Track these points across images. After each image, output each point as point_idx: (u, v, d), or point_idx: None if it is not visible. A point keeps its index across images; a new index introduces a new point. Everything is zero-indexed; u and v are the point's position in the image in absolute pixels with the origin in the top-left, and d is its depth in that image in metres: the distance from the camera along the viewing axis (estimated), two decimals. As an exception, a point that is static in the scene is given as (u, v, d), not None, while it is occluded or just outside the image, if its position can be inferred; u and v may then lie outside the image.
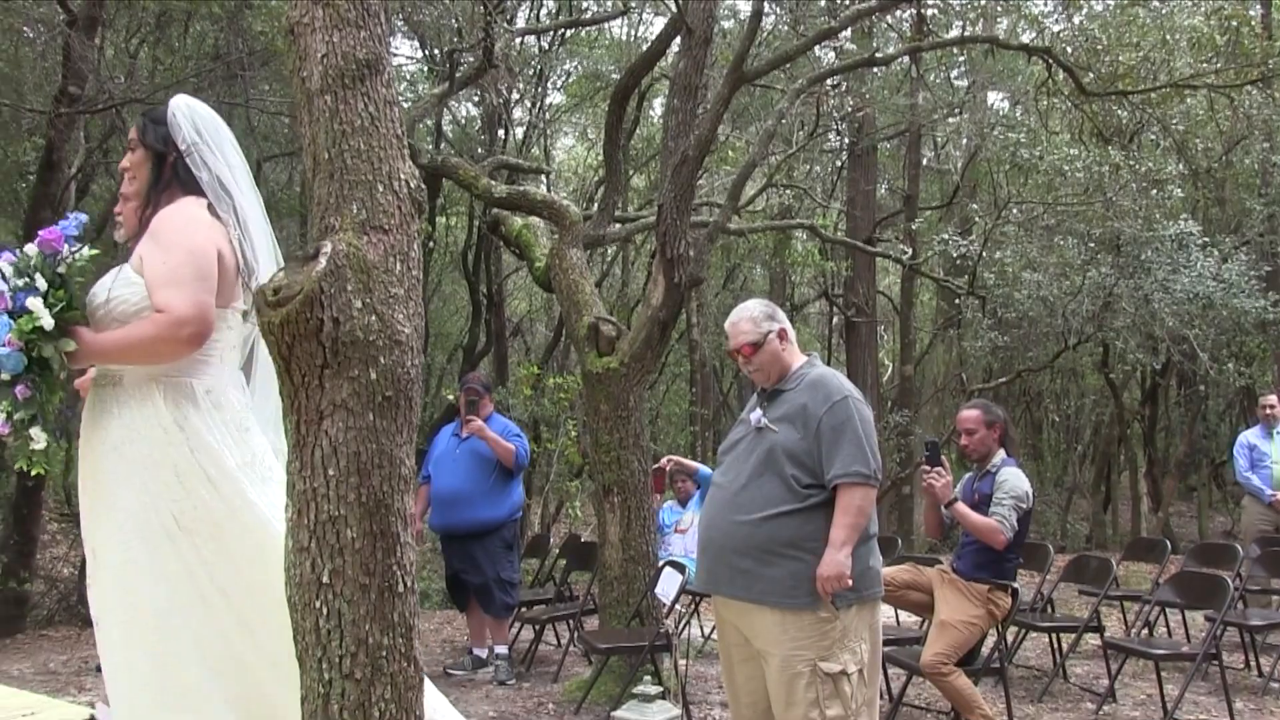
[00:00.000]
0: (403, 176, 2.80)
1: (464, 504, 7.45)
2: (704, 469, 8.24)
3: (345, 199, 2.72)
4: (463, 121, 17.09)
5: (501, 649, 7.71)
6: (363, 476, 2.56)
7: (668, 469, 7.91)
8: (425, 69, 14.88)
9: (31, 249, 2.91)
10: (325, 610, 2.54)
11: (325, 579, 2.53)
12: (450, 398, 11.61)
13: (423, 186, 2.90)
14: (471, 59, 9.97)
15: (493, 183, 8.90)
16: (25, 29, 11.69)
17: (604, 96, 15.27)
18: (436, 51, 13.27)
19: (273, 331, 2.53)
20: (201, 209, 3.03)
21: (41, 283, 2.85)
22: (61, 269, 2.91)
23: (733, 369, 18.47)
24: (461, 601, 7.99)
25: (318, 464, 2.54)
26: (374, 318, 2.60)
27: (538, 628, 8.18)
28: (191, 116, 3.13)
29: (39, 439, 2.90)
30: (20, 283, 2.85)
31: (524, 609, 8.29)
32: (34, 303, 2.81)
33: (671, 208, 6.91)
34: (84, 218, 3.06)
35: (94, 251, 3.00)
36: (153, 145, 3.13)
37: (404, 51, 16.59)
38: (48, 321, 2.81)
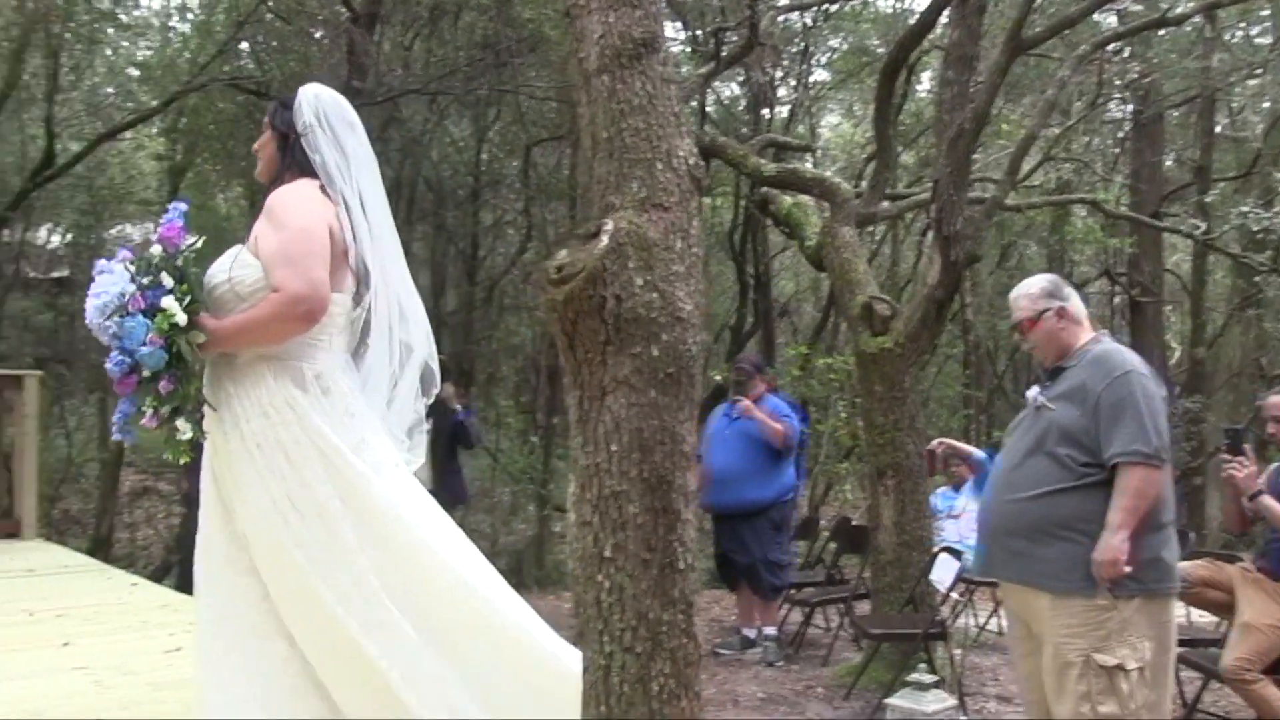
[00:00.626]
0: (681, 154, 2.79)
1: (733, 484, 7.46)
2: (978, 452, 7.97)
3: (625, 177, 2.73)
4: (726, 101, 17.10)
5: (770, 630, 7.69)
6: (645, 453, 2.57)
7: (940, 452, 7.68)
8: (688, 49, 14.96)
9: (155, 249, 2.97)
10: (607, 584, 2.56)
11: (607, 553, 2.56)
12: (718, 378, 11.67)
13: (701, 163, 2.88)
14: (735, 37, 9.94)
15: (762, 161, 8.85)
16: (312, 30, 12.45)
17: (870, 72, 14.95)
18: (698, 32, 13.32)
19: (556, 309, 2.57)
20: (314, 189, 3.06)
21: (168, 280, 2.92)
22: (180, 261, 2.97)
23: (1007, 350, 17.79)
24: (730, 581, 8.01)
25: (600, 440, 2.57)
26: (655, 295, 2.60)
27: (807, 610, 8.12)
28: (315, 102, 3.15)
29: (185, 429, 2.98)
30: (146, 280, 2.91)
31: (793, 591, 8.24)
32: (167, 300, 2.88)
33: (947, 183, 6.70)
34: (185, 205, 3.12)
35: (203, 238, 3.06)
36: (278, 127, 3.19)
37: (666, 33, 16.71)
38: (181, 317, 2.87)
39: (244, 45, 12.15)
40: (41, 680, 4.33)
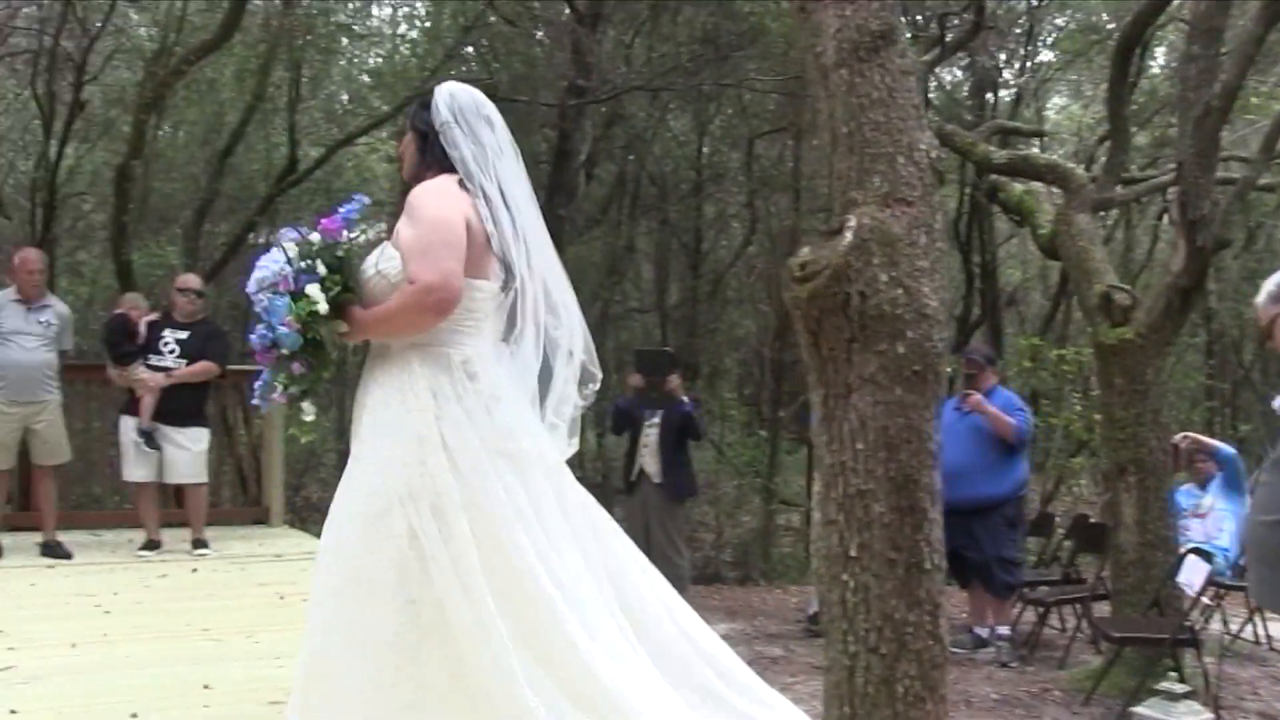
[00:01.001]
0: (923, 146, 2.75)
1: (965, 479, 7.25)
2: (1224, 448, 7.56)
3: (866, 172, 2.71)
4: (949, 87, 16.68)
5: (1003, 630, 7.47)
6: (891, 451, 2.54)
7: (1184, 447, 7.33)
8: (909, 35, 14.65)
9: (315, 236, 3.04)
10: (852, 584, 2.55)
11: (853, 553, 2.54)
12: (946, 370, 11.39)
13: (942, 156, 2.83)
14: (958, 21, 9.69)
15: (990, 148, 8.61)
16: (536, 32, 12.75)
17: (1099, 50, 14.32)
18: (919, 17, 13.03)
19: (800, 306, 2.57)
20: (452, 183, 3.07)
21: (321, 268, 2.97)
22: (341, 253, 3.02)
23: (1255, 339, 16.79)
24: (962, 578, 7.82)
25: (846, 438, 2.55)
26: (900, 291, 2.57)
27: (1042, 610, 7.85)
28: (450, 100, 3.15)
29: (309, 412, 3.10)
30: (303, 265, 2.98)
31: (1027, 590, 7.98)
32: (312, 288, 2.94)
33: (1193, 165, 6.35)
34: (366, 200, 3.19)
35: (373, 232, 3.13)
36: (418, 127, 3.21)
37: (893, 21, 16.40)
38: (323, 306, 2.93)
39: (469, 49, 12.56)
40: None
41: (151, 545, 7.30)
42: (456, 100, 3.13)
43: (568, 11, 10.57)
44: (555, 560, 2.88)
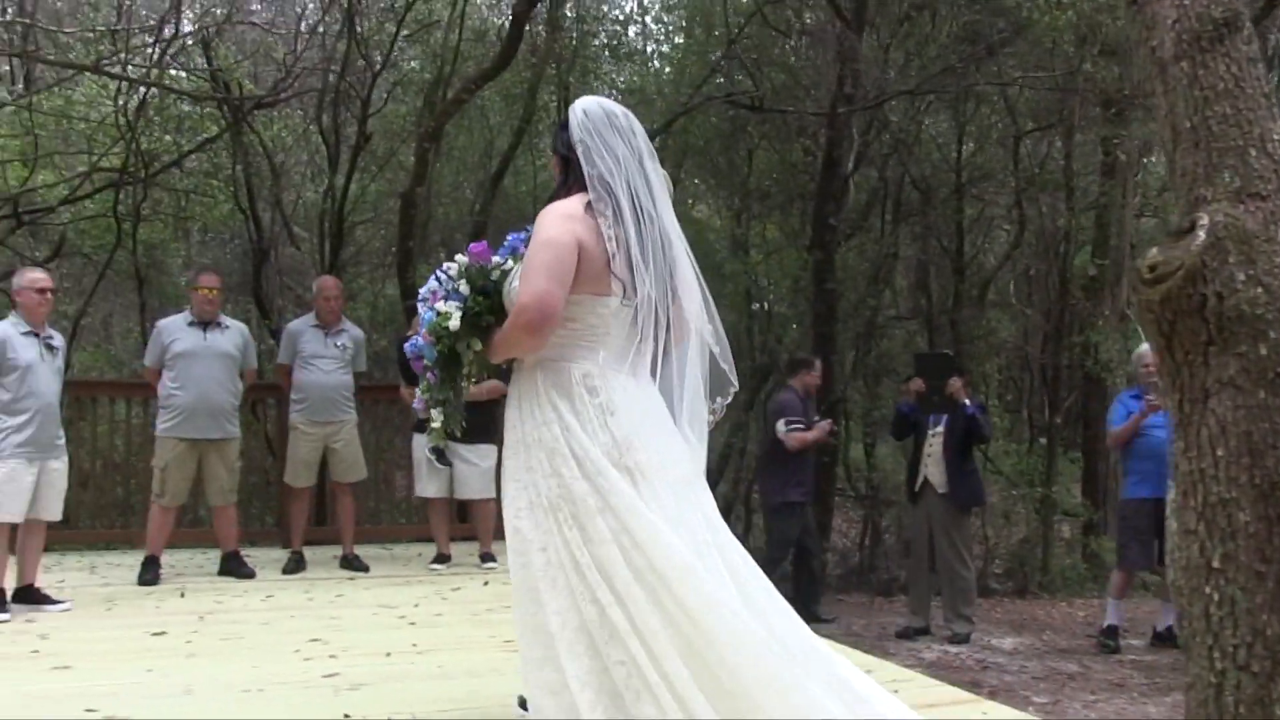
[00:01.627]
0: (1276, 137, 2.61)
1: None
2: None
3: (1214, 168, 2.60)
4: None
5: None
6: (1255, 457, 2.42)
7: None
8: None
9: (461, 258, 3.25)
10: (1215, 596, 2.44)
11: (1215, 564, 2.44)
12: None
13: (1295, 146, 2.68)
14: None
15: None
16: (792, 41, 12.72)
17: None
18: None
19: (1151, 309, 2.48)
20: (576, 204, 3.10)
21: (465, 288, 3.18)
22: (493, 276, 3.20)
23: None
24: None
25: (1204, 444, 2.45)
26: (1260, 290, 2.45)
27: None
28: (582, 118, 3.18)
29: (436, 419, 3.27)
30: (450, 286, 3.20)
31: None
32: (448, 305, 3.16)
33: None
34: (522, 235, 3.28)
35: (510, 262, 3.23)
36: (559, 150, 3.26)
37: None
38: (454, 323, 3.14)
39: (728, 61, 12.63)
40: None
41: (442, 559, 7.62)
42: (589, 117, 3.17)
43: (834, 20, 10.48)
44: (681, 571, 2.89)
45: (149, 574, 6.94)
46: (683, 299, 3.18)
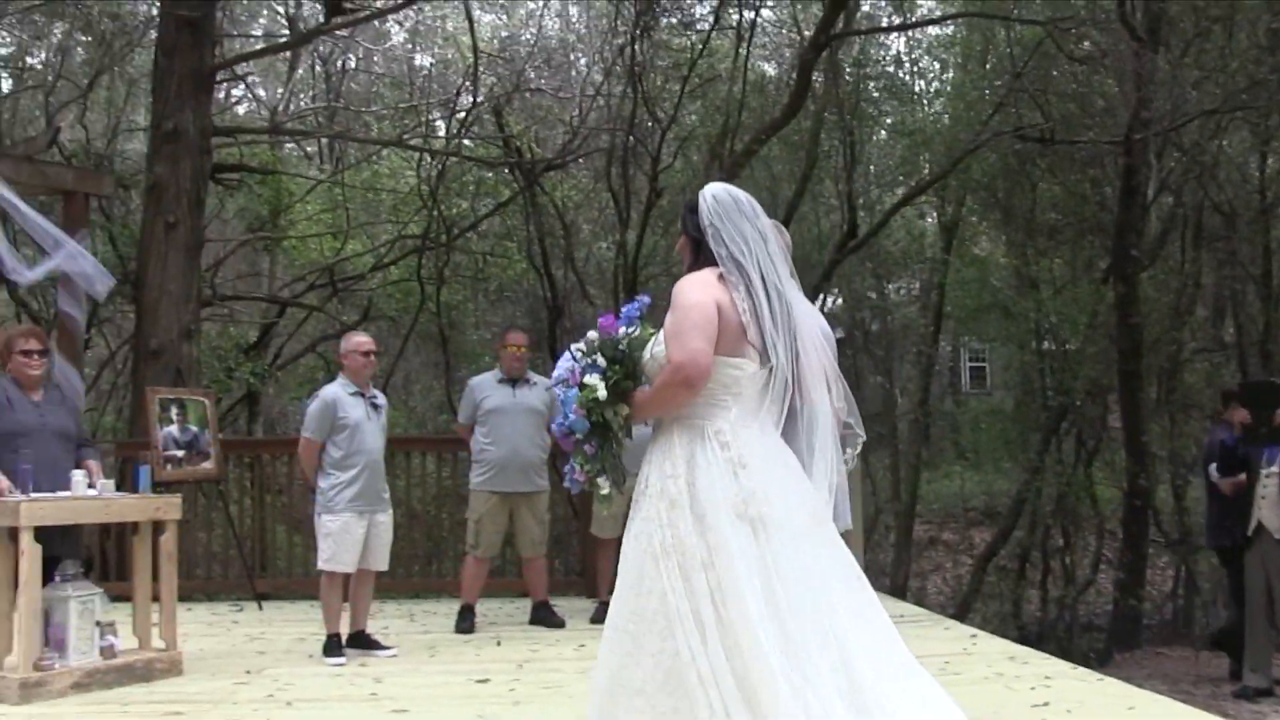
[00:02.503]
0: None
1: None
2: None
3: None
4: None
5: None
6: None
7: None
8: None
9: (593, 334, 3.50)
10: None
11: None
12: None
13: None
14: None
15: None
16: (1080, 67, 12.21)
17: None
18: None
19: None
20: (710, 274, 3.40)
21: (601, 360, 3.43)
22: (622, 346, 3.45)
23: None
24: None
25: None
26: None
27: None
28: (711, 204, 3.47)
29: (604, 486, 3.51)
30: (586, 361, 3.46)
31: None
32: (592, 378, 3.42)
33: None
34: (648, 300, 3.59)
35: (650, 331, 3.49)
36: (689, 233, 3.54)
37: None
38: (601, 393, 3.39)
39: (1010, 95, 12.29)
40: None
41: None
42: (719, 203, 3.48)
43: (1129, 42, 9.98)
44: (787, 620, 3.15)
45: (465, 622, 7.25)
46: (806, 362, 3.45)
